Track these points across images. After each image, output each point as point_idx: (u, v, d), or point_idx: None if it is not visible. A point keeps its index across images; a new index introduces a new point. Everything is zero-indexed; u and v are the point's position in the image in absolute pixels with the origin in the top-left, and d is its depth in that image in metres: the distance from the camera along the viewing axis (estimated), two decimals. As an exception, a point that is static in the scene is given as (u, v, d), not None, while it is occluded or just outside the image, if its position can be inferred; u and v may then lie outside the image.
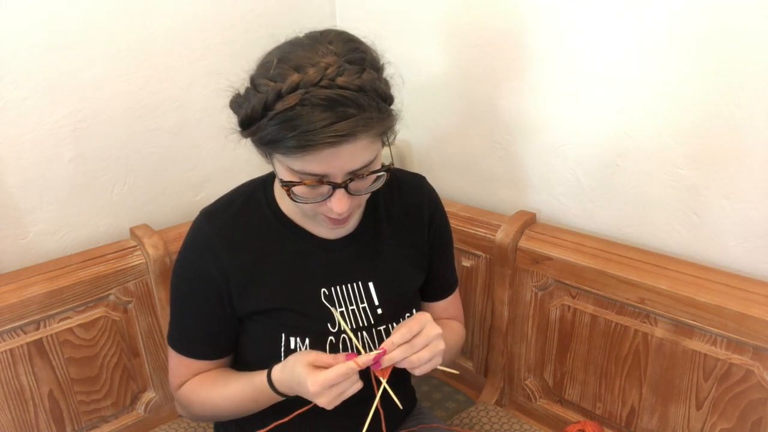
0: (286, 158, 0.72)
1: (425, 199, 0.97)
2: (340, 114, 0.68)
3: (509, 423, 1.21)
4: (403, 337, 0.76)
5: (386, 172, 0.77)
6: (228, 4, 1.34)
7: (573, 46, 1.14)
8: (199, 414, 0.92)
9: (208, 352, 0.91)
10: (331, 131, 0.67)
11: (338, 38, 0.73)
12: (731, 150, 1.00)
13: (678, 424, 1.08)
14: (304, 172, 0.72)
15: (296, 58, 0.71)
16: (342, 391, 0.75)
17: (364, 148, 0.72)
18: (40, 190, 1.18)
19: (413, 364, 0.77)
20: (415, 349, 0.77)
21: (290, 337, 0.86)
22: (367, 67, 0.72)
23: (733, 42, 0.94)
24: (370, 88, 0.70)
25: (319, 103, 0.67)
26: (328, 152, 0.69)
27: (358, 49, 0.74)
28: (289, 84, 0.68)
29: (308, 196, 0.76)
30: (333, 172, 0.72)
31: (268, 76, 0.71)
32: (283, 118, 0.68)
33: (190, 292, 0.88)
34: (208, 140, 1.40)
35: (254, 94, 0.72)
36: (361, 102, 0.69)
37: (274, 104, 0.69)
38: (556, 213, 1.29)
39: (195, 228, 0.89)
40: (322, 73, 0.68)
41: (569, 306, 1.18)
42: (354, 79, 0.69)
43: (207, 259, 0.85)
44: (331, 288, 0.89)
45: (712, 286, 1.00)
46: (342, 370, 0.73)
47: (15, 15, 1.07)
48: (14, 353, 1.07)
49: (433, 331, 0.78)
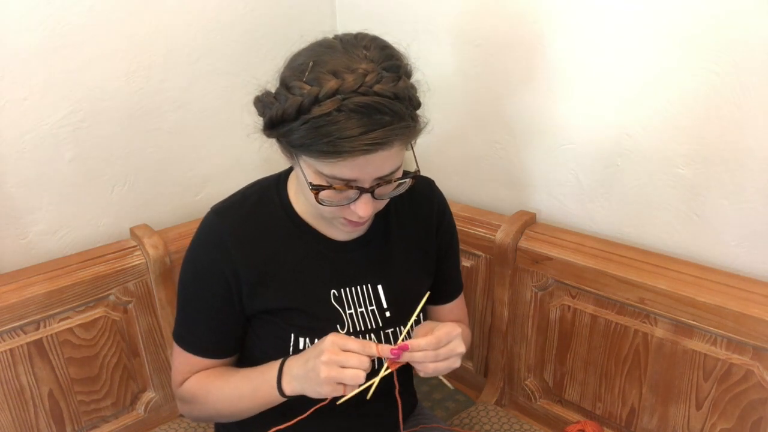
0: (316, 162, 0.72)
1: (434, 203, 0.98)
2: (376, 121, 0.68)
3: (509, 423, 1.21)
4: (429, 344, 0.76)
5: (412, 179, 0.78)
6: (228, 4, 1.34)
7: (573, 46, 1.14)
8: (202, 408, 0.91)
9: (215, 351, 0.91)
10: (367, 139, 0.67)
11: (373, 44, 0.73)
12: (731, 150, 1.00)
13: (678, 424, 1.08)
14: (334, 176, 0.72)
15: (332, 62, 0.70)
16: (345, 363, 0.73)
17: (395, 155, 0.73)
18: (40, 190, 1.18)
19: (426, 370, 0.78)
20: (437, 359, 0.77)
21: (299, 337, 0.86)
22: (402, 75, 0.72)
23: (733, 42, 0.94)
24: (404, 96, 0.71)
25: (356, 109, 0.67)
26: (361, 159, 0.69)
27: (393, 56, 0.74)
28: (326, 89, 0.67)
29: (334, 199, 0.76)
30: (363, 177, 0.73)
31: (304, 79, 0.71)
32: (319, 123, 0.68)
33: (199, 289, 0.88)
34: (208, 140, 1.40)
35: (287, 96, 0.71)
36: (396, 110, 0.69)
37: (309, 108, 0.69)
38: (556, 213, 1.29)
39: (205, 225, 0.88)
40: (361, 81, 0.68)
41: (569, 306, 1.18)
42: (391, 87, 0.69)
43: (218, 256, 0.85)
44: (340, 290, 0.89)
45: (712, 286, 1.00)
46: (363, 343, 0.74)
47: (15, 15, 1.07)
48: (14, 353, 1.07)
49: (458, 349, 0.78)
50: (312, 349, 0.78)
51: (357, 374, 0.73)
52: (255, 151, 1.49)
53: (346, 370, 0.73)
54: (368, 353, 0.74)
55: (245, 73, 1.41)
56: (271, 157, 1.60)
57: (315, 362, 0.74)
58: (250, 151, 1.48)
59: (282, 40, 1.46)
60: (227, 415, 0.90)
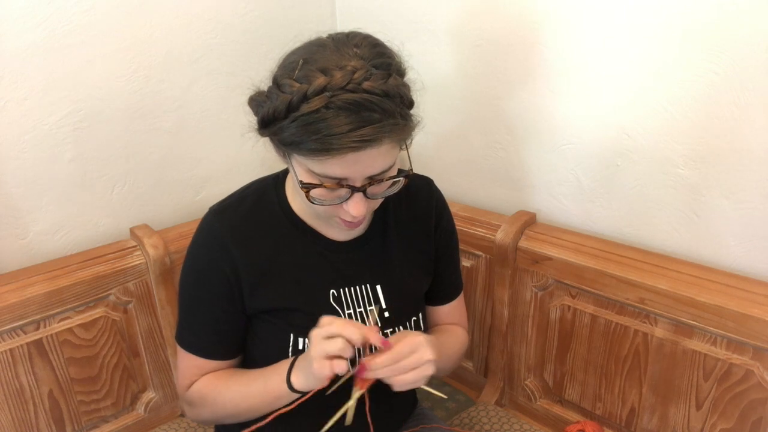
0: (307, 160, 0.72)
1: (433, 203, 0.98)
2: (365, 119, 0.68)
3: (509, 423, 1.21)
4: (386, 361, 0.74)
5: (404, 178, 0.78)
6: (228, 4, 1.34)
7: (573, 46, 1.14)
8: (211, 410, 0.90)
9: (220, 352, 0.91)
10: (355, 136, 0.67)
11: (364, 42, 0.73)
12: (731, 150, 1.00)
13: (678, 424, 1.08)
14: (325, 174, 0.72)
15: (322, 60, 0.70)
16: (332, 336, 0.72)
17: (386, 153, 0.72)
18: (40, 190, 1.18)
19: (396, 384, 0.76)
20: (400, 372, 0.75)
21: (299, 337, 0.86)
22: (393, 73, 0.72)
23: (733, 42, 0.94)
24: (395, 94, 0.70)
25: (344, 106, 0.67)
26: (350, 157, 0.69)
27: (384, 54, 0.74)
28: (315, 86, 0.68)
29: (326, 198, 0.76)
30: (353, 176, 0.72)
31: (293, 77, 0.71)
32: (307, 120, 0.68)
33: (200, 290, 0.87)
34: (208, 140, 1.40)
35: (278, 95, 0.71)
36: (386, 107, 0.69)
37: (298, 106, 0.69)
38: (556, 213, 1.29)
39: (204, 226, 0.88)
40: (350, 77, 0.68)
41: (569, 306, 1.18)
42: (380, 84, 0.69)
43: (218, 256, 0.85)
44: (339, 290, 0.89)
45: (712, 286, 1.00)
46: (352, 323, 0.73)
47: (15, 15, 1.07)
48: (14, 353, 1.07)
49: (425, 357, 0.75)
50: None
51: (340, 344, 0.72)
52: (255, 151, 1.50)
53: (331, 341, 0.72)
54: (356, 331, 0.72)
55: (245, 74, 1.41)
56: (269, 156, 1.60)
57: (309, 348, 0.75)
58: (250, 151, 1.48)
59: (282, 40, 1.45)
60: (236, 414, 0.89)
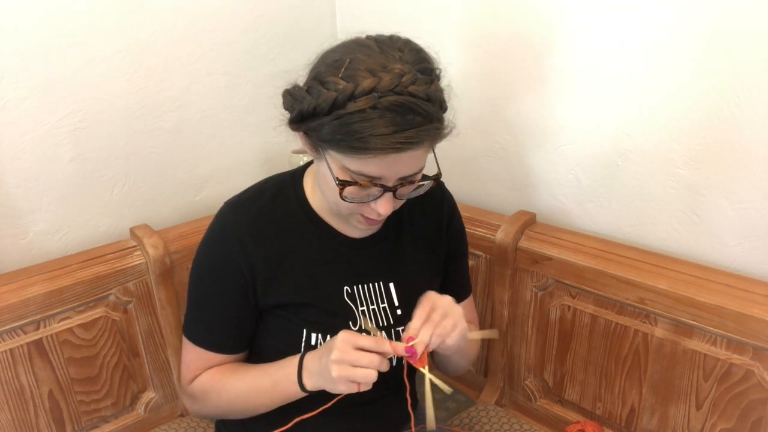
0: (344, 157, 0.73)
1: (445, 203, 0.99)
2: (408, 121, 0.69)
3: (509, 423, 1.21)
4: (419, 318, 0.77)
5: (434, 181, 0.80)
6: (228, 4, 1.34)
7: (573, 46, 1.14)
8: (213, 404, 0.91)
9: (228, 345, 0.91)
10: (399, 138, 0.69)
11: (407, 47, 0.75)
12: (731, 150, 1.00)
13: (678, 424, 1.08)
14: (360, 173, 0.73)
15: (368, 61, 0.71)
16: (356, 363, 0.73)
17: (421, 156, 0.75)
18: (40, 190, 1.18)
19: (442, 337, 0.77)
20: (436, 322, 0.77)
21: (312, 333, 0.86)
22: (434, 78, 0.74)
23: (733, 42, 0.95)
24: (436, 98, 0.72)
25: (390, 108, 0.68)
26: (391, 157, 0.71)
27: (427, 59, 0.75)
28: (363, 87, 0.68)
29: (356, 195, 0.77)
30: (388, 175, 0.74)
31: (340, 75, 0.71)
32: (352, 119, 0.69)
33: (214, 283, 0.88)
34: (208, 140, 1.40)
35: (320, 91, 0.71)
36: (428, 111, 0.70)
37: (344, 104, 0.69)
38: (556, 213, 1.29)
39: (220, 218, 0.89)
40: (398, 80, 0.69)
41: (569, 306, 1.18)
42: (425, 89, 0.70)
43: (234, 249, 0.85)
44: (353, 286, 0.90)
45: (712, 286, 1.00)
46: (377, 341, 0.74)
47: (15, 15, 1.07)
48: (14, 353, 1.07)
49: (444, 301, 0.79)
50: (325, 346, 0.79)
51: (368, 373, 0.73)
52: (255, 151, 1.50)
53: (358, 369, 0.73)
54: (382, 350, 0.74)
55: (245, 74, 1.41)
56: (272, 157, 1.60)
57: (327, 360, 0.75)
58: (251, 151, 1.48)
59: (282, 40, 1.46)
60: (241, 410, 0.89)
